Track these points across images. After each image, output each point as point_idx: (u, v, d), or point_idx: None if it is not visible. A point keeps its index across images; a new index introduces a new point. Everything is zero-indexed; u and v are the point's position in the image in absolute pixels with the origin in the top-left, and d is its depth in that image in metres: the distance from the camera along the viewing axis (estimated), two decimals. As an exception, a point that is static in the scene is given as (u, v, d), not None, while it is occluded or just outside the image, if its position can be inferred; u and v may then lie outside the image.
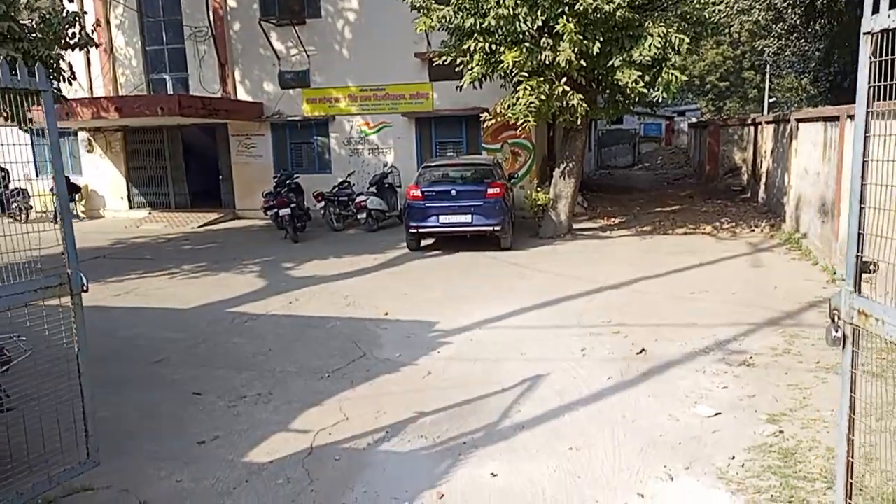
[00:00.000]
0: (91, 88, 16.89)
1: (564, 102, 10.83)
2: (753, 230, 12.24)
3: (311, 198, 14.45)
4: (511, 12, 9.93)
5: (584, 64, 10.27)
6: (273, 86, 16.29)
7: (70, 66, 9.87)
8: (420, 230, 11.25)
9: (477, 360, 6.02)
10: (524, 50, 10.20)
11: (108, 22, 16.75)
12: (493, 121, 12.22)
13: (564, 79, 10.57)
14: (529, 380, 5.44)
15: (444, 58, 11.34)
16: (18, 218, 16.66)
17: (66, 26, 9.50)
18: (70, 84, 10.02)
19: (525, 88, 10.40)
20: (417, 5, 10.79)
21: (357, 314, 7.74)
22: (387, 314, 7.69)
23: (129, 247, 13.18)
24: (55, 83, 8.92)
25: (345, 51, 15.73)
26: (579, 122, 11.34)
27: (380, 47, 15.37)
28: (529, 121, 10.62)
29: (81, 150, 17.52)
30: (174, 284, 9.63)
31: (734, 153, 19.34)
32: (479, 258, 10.87)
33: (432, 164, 11.96)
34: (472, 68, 10.78)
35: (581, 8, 9.77)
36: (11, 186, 16.78)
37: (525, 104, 10.43)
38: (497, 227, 11.07)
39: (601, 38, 10.23)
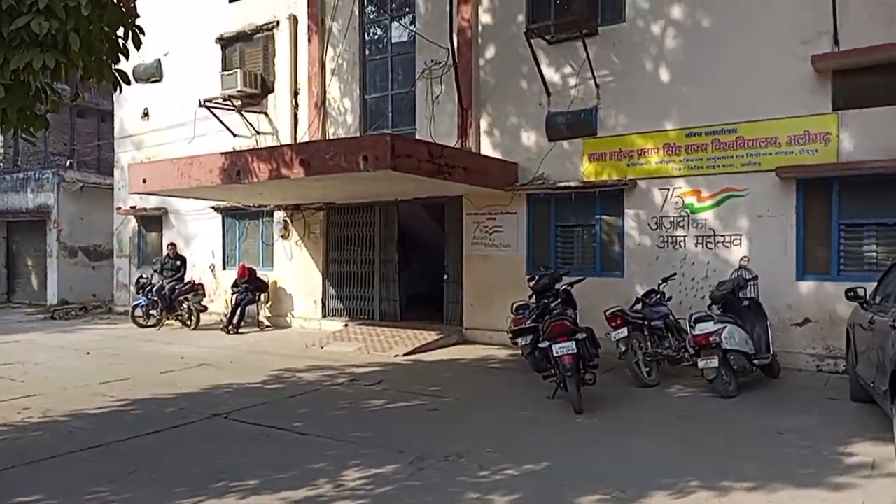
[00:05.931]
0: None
1: None
2: None
3: (597, 318, 7.80)
4: None
5: None
6: (536, 136, 10.36)
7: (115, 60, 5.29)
8: None
9: None
10: None
11: (322, 66, 12.55)
12: None
13: None
14: None
15: None
16: (188, 323, 12.48)
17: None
18: (117, 88, 5.57)
19: None
20: None
21: None
22: None
23: (286, 389, 7.57)
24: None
25: (662, 70, 9.31)
26: None
27: (730, 57, 8.71)
28: None
29: (275, 235, 13.14)
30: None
31: None
32: None
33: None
34: None
35: None
36: (187, 278, 12.83)
37: None
38: None
39: None
